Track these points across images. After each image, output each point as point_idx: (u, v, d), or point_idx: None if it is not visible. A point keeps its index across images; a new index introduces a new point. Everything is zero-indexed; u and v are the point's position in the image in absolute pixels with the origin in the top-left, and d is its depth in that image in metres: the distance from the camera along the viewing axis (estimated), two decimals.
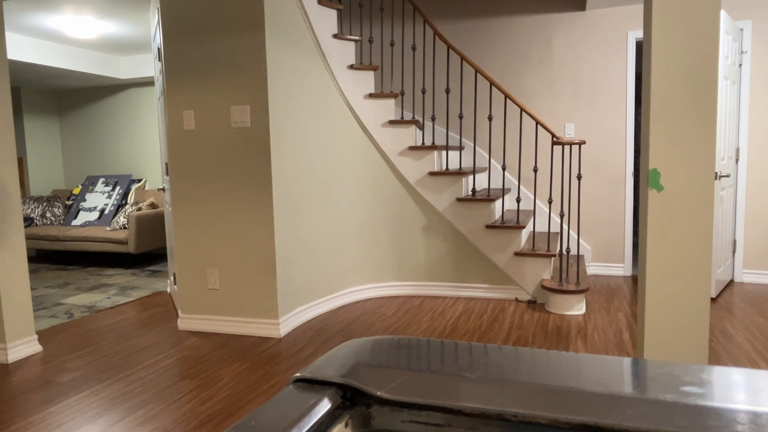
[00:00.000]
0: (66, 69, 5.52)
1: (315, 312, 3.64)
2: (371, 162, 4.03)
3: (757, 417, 0.50)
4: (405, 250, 4.10)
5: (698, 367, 0.61)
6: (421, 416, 0.57)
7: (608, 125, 4.60)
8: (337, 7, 3.80)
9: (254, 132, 3.17)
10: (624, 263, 4.66)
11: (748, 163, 4.27)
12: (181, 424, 2.18)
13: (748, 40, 4.19)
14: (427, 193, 4.01)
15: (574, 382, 0.58)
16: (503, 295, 3.96)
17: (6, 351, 2.91)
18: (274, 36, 3.17)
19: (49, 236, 5.69)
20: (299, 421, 0.52)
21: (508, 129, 4.88)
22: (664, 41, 1.82)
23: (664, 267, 1.88)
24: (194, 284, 3.39)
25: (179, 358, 2.90)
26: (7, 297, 2.92)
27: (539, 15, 4.69)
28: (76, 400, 2.42)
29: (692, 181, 1.83)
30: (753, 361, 2.74)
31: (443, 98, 4.98)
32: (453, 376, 0.61)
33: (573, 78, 4.65)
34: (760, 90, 4.21)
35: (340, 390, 0.60)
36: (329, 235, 3.77)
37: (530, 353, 0.68)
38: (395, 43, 5.06)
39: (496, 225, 3.89)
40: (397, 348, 0.71)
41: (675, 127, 1.83)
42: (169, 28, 3.27)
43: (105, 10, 4.30)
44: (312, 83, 3.56)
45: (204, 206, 3.32)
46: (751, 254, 4.33)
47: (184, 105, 3.29)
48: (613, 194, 4.64)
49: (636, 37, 4.47)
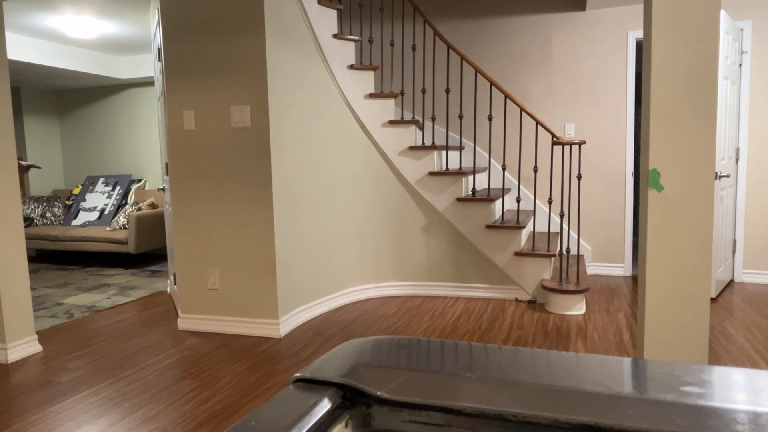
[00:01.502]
0: (66, 69, 5.52)
1: (315, 312, 3.64)
2: (371, 162, 4.03)
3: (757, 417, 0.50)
4: (405, 250, 4.10)
5: (698, 367, 0.61)
6: (421, 416, 0.57)
7: (608, 125, 4.60)
8: (337, 7, 3.80)
9: (254, 132, 3.17)
10: (624, 263, 4.66)
11: (748, 163, 4.27)
12: (181, 424, 2.18)
13: (748, 40, 4.19)
14: (427, 193, 4.01)
15: (574, 382, 0.59)
16: (503, 295, 3.96)
17: (6, 351, 2.91)
18: (274, 36, 3.17)
19: (49, 236, 5.69)
20: (299, 421, 0.52)
21: (508, 129, 4.88)
22: (664, 41, 1.82)
23: (664, 267, 1.88)
24: (194, 284, 3.39)
25: (179, 358, 2.90)
26: (7, 297, 2.92)
27: (539, 15, 4.69)
28: (76, 400, 2.42)
29: (692, 181, 1.83)
30: (753, 361, 2.74)
31: (443, 98, 4.98)
32: (453, 376, 0.61)
33: (573, 78, 4.65)
34: (760, 90, 4.21)
35: (340, 390, 0.60)
36: (329, 235, 3.77)
37: (530, 353, 0.68)
38: (395, 43, 5.06)
39: (496, 225, 3.89)
40: (397, 348, 0.71)
41: (675, 127, 1.83)
42: (169, 28, 3.27)
43: (105, 10, 4.30)
44: (312, 83, 3.56)
45: (204, 206, 3.32)
46: (751, 254, 4.33)
47: (184, 105, 3.29)
48: (613, 194, 4.64)
49: (636, 37, 4.47)
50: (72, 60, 5.56)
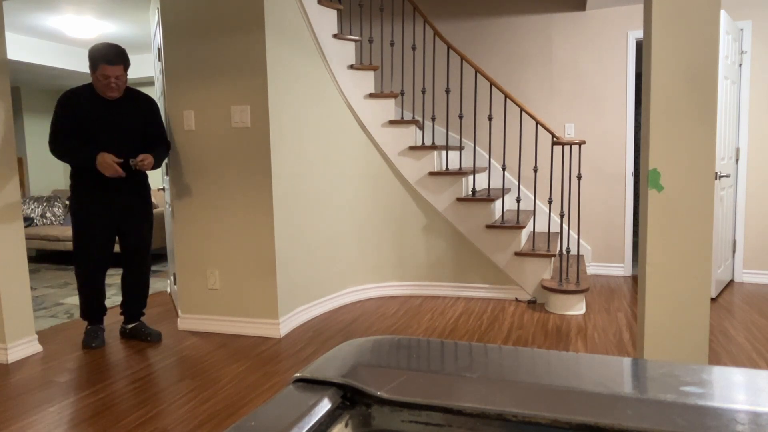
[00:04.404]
0: (66, 69, 5.52)
1: (315, 312, 3.64)
2: (371, 162, 4.03)
3: (757, 417, 0.50)
4: (405, 250, 4.10)
5: (698, 367, 0.61)
6: (421, 416, 0.57)
7: (608, 125, 4.60)
8: (337, 7, 3.80)
9: (254, 132, 3.17)
10: (624, 263, 4.66)
11: (748, 163, 4.27)
12: (181, 424, 2.18)
13: (748, 40, 4.19)
14: (427, 193, 4.01)
15: (574, 382, 0.59)
16: (503, 295, 3.96)
17: (6, 351, 2.91)
18: (274, 36, 3.17)
19: (49, 236, 5.69)
20: (299, 421, 0.52)
21: (508, 129, 4.88)
22: (664, 41, 1.82)
23: (664, 267, 1.88)
24: (194, 284, 3.39)
25: (179, 358, 2.90)
26: (7, 297, 2.92)
27: (539, 15, 4.69)
28: (76, 400, 2.42)
29: (692, 181, 1.83)
30: (753, 361, 2.74)
31: (443, 98, 4.98)
32: (453, 376, 0.61)
33: (573, 78, 4.65)
34: (760, 90, 4.21)
35: (340, 390, 0.60)
36: (329, 235, 3.77)
37: (530, 353, 0.68)
38: (395, 43, 5.06)
39: (496, 225, 3.89)
40: (397, 348, 0.71)
41: (675, 127, 1.83)
42: (169, 28, 3.27)
43: (105, 10, 4.30)
44: (312, 83, 3.56)
45: (204, 206, 3.32)
46: (751, 254, 4.33)
47: (184, 105, 3.29)
48: (613, 194, 4.64)
49: (636, 37, 4.47)
50: (72, 60, 5.56)
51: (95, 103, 2.94)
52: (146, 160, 2.94)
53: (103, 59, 2.85)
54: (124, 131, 3.00)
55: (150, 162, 2.96)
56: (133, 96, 3.08)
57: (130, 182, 3.06)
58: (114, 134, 2.97)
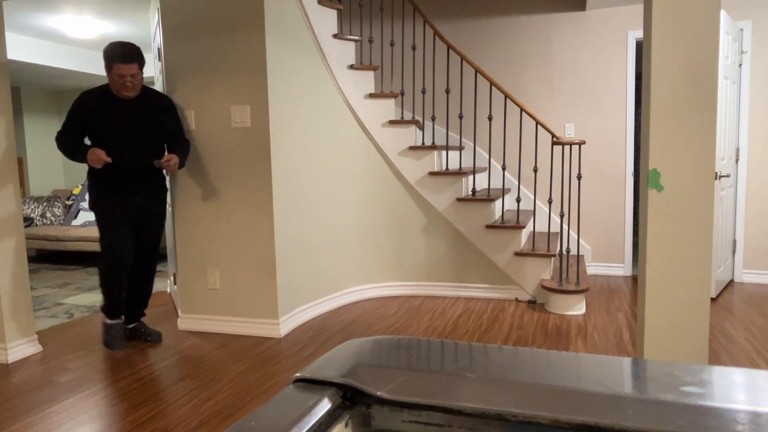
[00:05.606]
0: (66, 69, 5.52)
1: (315, 312, 3.64)
2: (371, 162, 4.03)
3: (757, 417, 0.50)
4: (405, 250, 4.10)
5: (698, 367, 0.61)
6: (421, 416, 0.57)
7: (608, 125, 4.60)
8: (337, 7, 3.80)
9: (254, 132, 3.17)
10: (624, 263, 4.66)
11: (748, 163, 4.27)
12: (181, 424, 2.18)
13: (748, 40, 4.19)
14: (427, 193, 4.01)
15: (574, 382, 0.59)
16: (503, 295, 3.96)
17: (6, 351, 2.91)
18: (274, 36, 3.17)
19: (49, 236, 5.69)
20: (299, 421, 0.52)
21: (508, 129, 4.88)
22: (664, 41, 1.81)
23: (664, 267, 1.88)
24: (194, 284, 3.39)
25: (179, 358, 2.90)
26: (7, 297, 2.92)
27: (539, 15, 4.69)
28: (76, 400, 2.42)
29: (692, 181, 1.83)
30: (753, 361, 2.74)
31: (443, 98, 4.98)
32: (453, 376, 0.61)
33: (573, 78, 4.65)
34: (760, 90, 4.21)
35: (340, 390, 0.60)
36: (329, 235, 3.77)
37: (530, 353, 0.68)
38: (395, 43, 5.06)
39: (496, 225, 3.89)
40: (397, 348, 0.71)
41: (675, 127, 1.83)
42: (169, 28, 3.27)
43: (105, 10, 4.30)
44: (312, 83, 3.56)
45: (204, 206, 3.32)
46: (751, 254, 4.33)
47: (184, 105, 3.29)
48: (613, 194, 4.64)
49: (636, 37, 4.47)
50: (72, 60, 5.56)
51: (112, 103, 2.90)
52: (172, 161, 2.91)
53: (117, 58, 2.80)
54: (141, 131, 2.95)
55: (176, 162, 2.94)
56: (151, 95, 3.04)
57: (147, 184, 3.04)
58: (132, 134, 2.93)
